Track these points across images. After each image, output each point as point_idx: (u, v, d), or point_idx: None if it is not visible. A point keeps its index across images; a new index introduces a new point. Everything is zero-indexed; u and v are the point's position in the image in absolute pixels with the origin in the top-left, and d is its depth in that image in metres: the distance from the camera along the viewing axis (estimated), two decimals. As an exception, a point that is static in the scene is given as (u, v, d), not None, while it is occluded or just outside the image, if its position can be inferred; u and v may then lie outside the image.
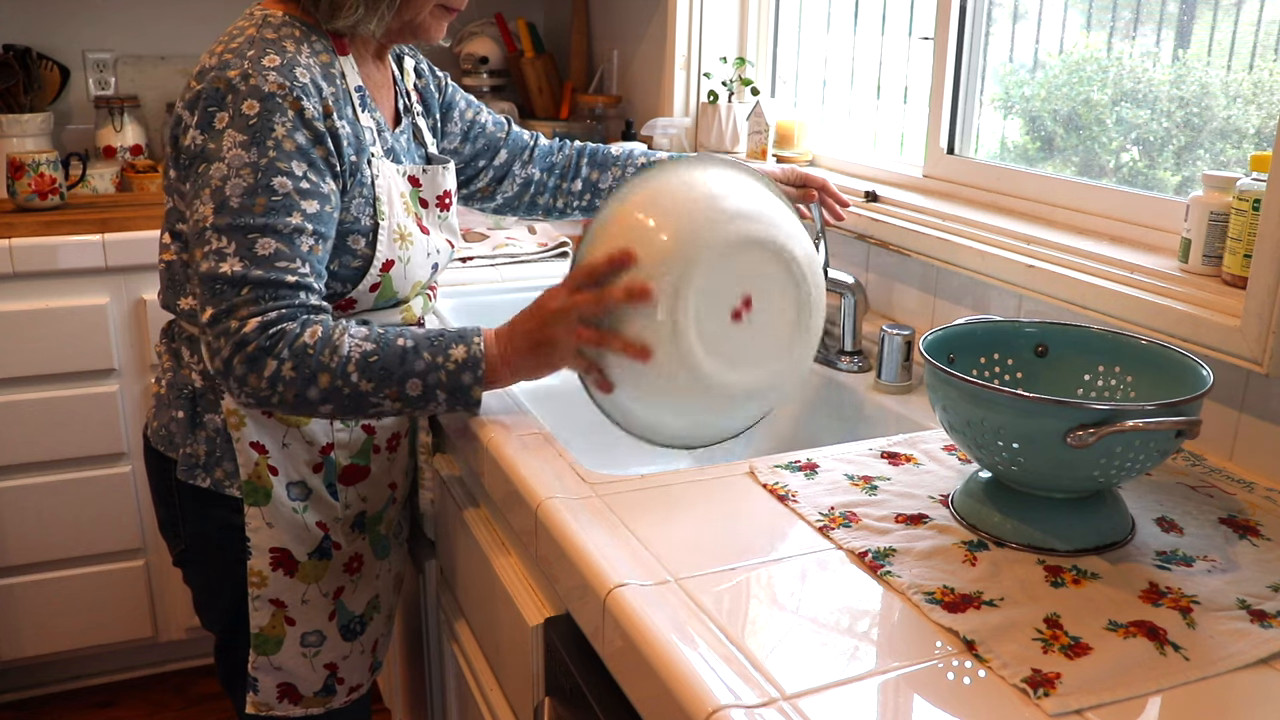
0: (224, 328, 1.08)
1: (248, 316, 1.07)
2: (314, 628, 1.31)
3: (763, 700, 0.71)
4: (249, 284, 1.08)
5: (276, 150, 1.09)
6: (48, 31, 2.46)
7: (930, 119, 1.67)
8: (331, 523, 1.29)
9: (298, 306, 1.10)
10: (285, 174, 1.10)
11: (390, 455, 1.35)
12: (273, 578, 1.27)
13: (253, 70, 1.10)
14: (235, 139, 1.09)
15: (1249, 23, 1.27)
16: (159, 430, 1.29)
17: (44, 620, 2.19)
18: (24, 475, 2.10)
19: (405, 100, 1.34)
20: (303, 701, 1.34)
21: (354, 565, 1.33)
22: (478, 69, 2.67)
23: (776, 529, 0.96)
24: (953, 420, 0.93)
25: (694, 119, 2.21)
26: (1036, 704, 0.71)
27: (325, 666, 1.34)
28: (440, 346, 1.12)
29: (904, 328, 1.36)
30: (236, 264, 1.08)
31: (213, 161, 1.09)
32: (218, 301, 1.08)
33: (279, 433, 1.25)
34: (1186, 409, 0.86)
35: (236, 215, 1.08)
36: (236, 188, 1.08)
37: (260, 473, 1.24)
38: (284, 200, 1.09)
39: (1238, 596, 0.85)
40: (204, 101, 1.11)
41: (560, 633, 1.00)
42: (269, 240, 1.08)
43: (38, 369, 2.04)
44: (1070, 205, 1.42)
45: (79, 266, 2.03)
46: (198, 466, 1.25)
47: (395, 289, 1.25)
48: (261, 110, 1.09)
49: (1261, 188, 1.06)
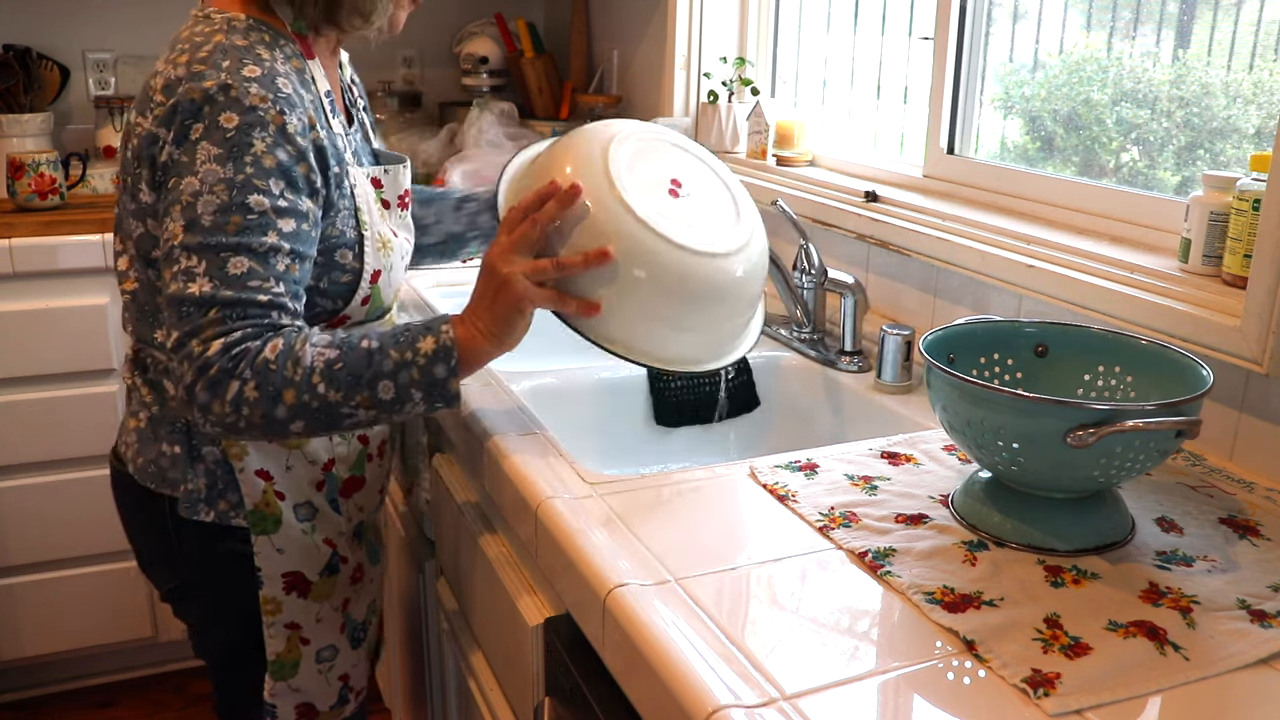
0: (187, 351, 1.01)
1: (211, 338, 1.01)
2: (328, 643, 1.29)
3: (763, 700, 0.71)
4: (217, 304, 1.01)
5: (254, 167, 1.03)
6: (48, 31, 2.46)
7: (930, 119, 1.67)
8: (337, 538, 1.27)
9: (266, 325, 1.03)
10: (262, 192, 1.03)
11: (380, 462, 1.33)
12: (287, 602, 1.24)
13: (232, 81, 1.03)
14: (210, 153, 1.03)
15: (1249, 23, 1.27)
16: (146, 467, 1.21)
17: (44, 620, 2.19)
18: (24, 475, 2.10)
19: (351, 96, 1.29)
20: (320, 717, 1.32)
21: (357, 575, 1.32)
22: (478, 69, 2.67)
23: (776, 529, 0.96)
24: (953, 420, 0.93)
25: (694, 119, 2.21)
26: (1036, 704, 0.71)
27: (339, 679, 1.32)
28: (407, 342, 1.06)
29: (904, 328, 1.36)
30: (206, 284, 1.01)
31: (184, 176, 1.03)
32: (183, 324, 1.02)
33: (281, 456, 1.21)
34: (1186, 409, 0.86)
35: (209, 234, 1.02)
36: (209, 205, 1.02)
37: (268, 500, 1.20)
38: (260, 219, 1.03)
39: (1238, 596, 0.85)
40: (180, 115, 1.04)
41: (560, 633, 1.00)
42: (242, 259, 1.02)
43: (38, 369, 2.04)
44: (1070, 205, 1.42)
45: (79, 266, 2.03)
46: (200, 501, 1.19)
47: (383, 299, 1.22)
48: (240, 124, 1.03)
49: (1261, 188, 1.06)
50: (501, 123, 2.39)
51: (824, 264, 1.52)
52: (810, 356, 1.50)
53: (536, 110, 2.61)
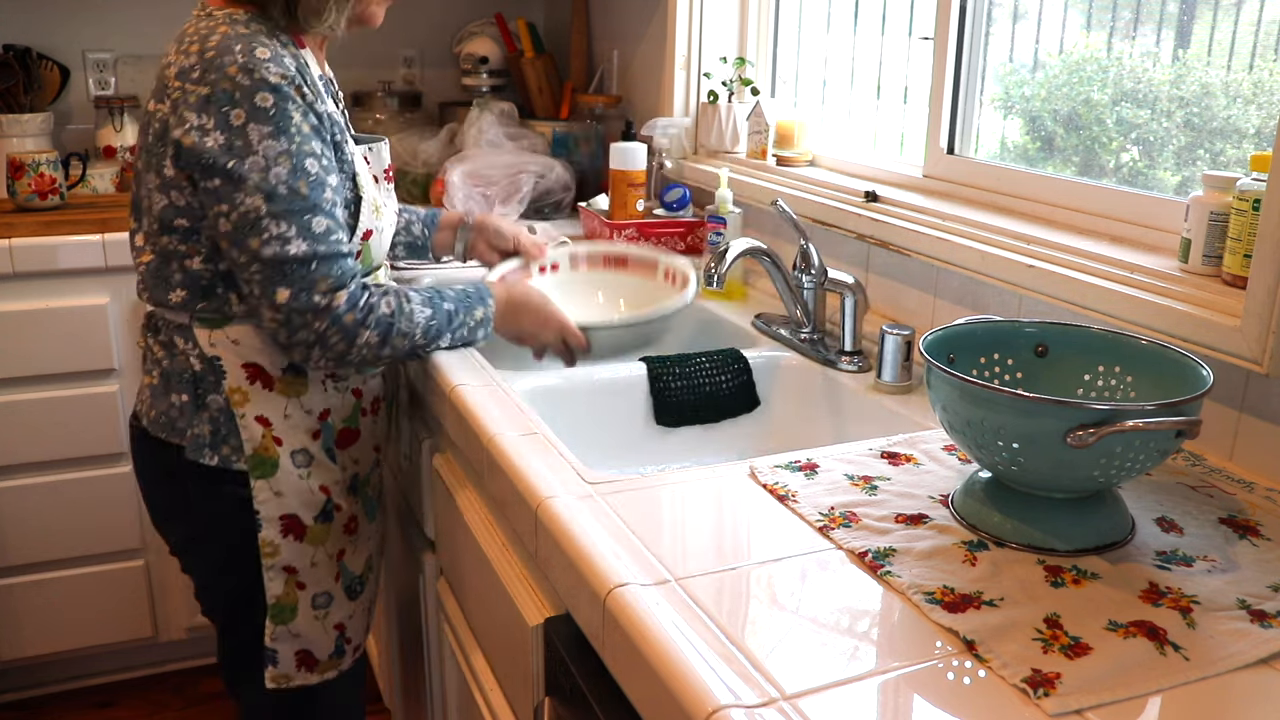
0: (310, 304, 1.21)
1: (329, 290, 1.21)
2: (323, 589, 1.38)
3: (763, 700, 0.71)
4: (317, 259, 1.20)
5: (300, 135, 1.19)
6: (48, 31, 2.46)
7: (930, 119, 1.67)
8: (332, 485, 1.37)
9: (358, 275, 1.26)
10: (312, 155, 1.21)
11: (374, 418, 1.44)
12: (284, 545, 1.34)
13: (251, 64, 1.17)
14: (261, 131, 1.17)
15: (1249, 23, 1.27)
16: (158, 419, 1.34)
17: (44, 620, 2.19)
18: (24, 475, 2.10)
19: (334, 88, 1.42)
20: (318, 667, 1.41)
21: (352, 526, 1.41)
22: (478, 69, 2.67)
23: (776, 529, 0.96)
24: (953, 420, 0.93)
25: (694, 119, 2.21)
26: (1036, 704, 0.71)
27: (335, 627, 1.41)
28: (469, 306, 1.37)
29: (904, 328, 1.36)
30: (301, 244, 1.19)
31: (245, 157, 1.17)
32: (291, 281, 1.20)
33: (280, 404, 1.33)
34: (1186, 409, 0.86)
35: (288, 201, 1.18)
36: (279, 176, 1.18)
37: (267, 444, 1.32)
38: (318, 178, 1.21)
39: (1238, 596, 0.85)
40: (216, 104, 1.17)
41: (560, 633, 1.00)
42: (320, 218, 1.21)
43: (38, 369, 2.04)
44: (1070, 205, 1.42)
45: (79, 266, 2.03)
46: (205, 445, 1.31)
47: (373, 257, 1.37)
48: (275, 101, 1.18)
49: (1261, 188, 1.06)
50: (501, 123, 2.39)
51: (824, 264, 1.52)
52: (810, 356, 1.50)
53: (536, 110, 2.61)
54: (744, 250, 1.49)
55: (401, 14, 2.65)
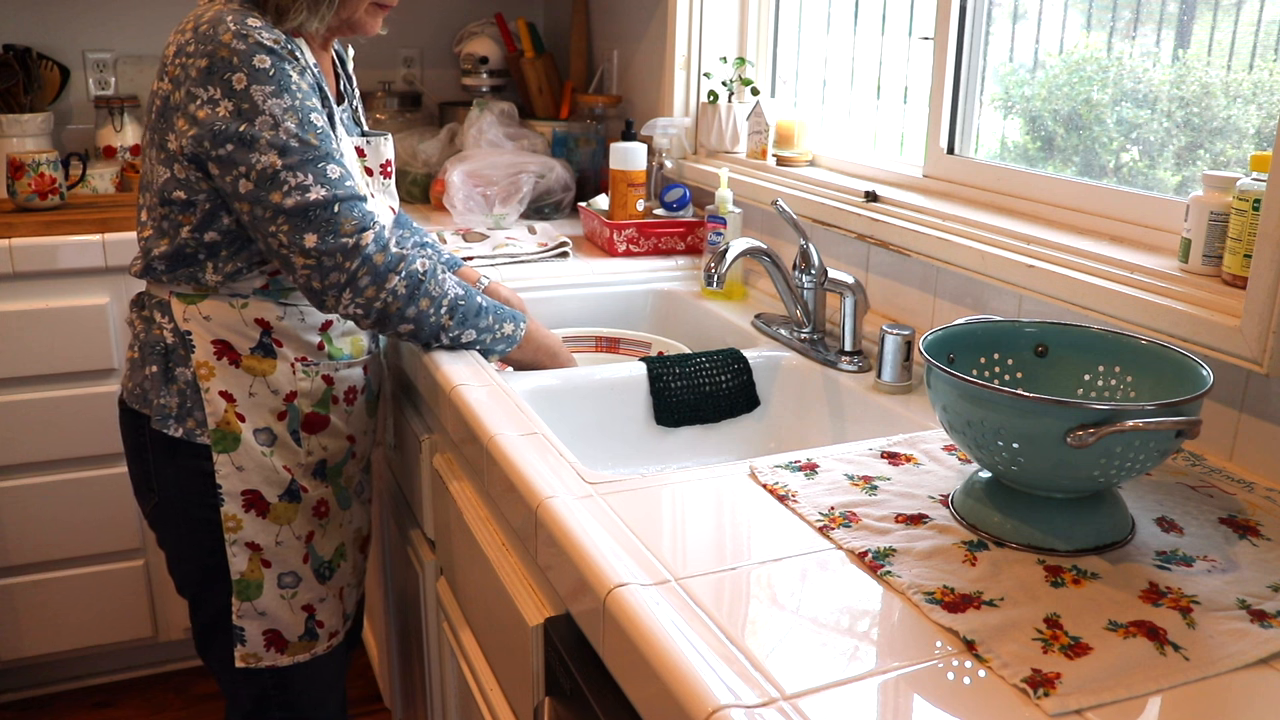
0: (338, 245, 1.24)
1: (354, 230, 1.25)
2: (289, 569, 1.40)
3: (763, 700, 0.71)
4: (338, 202, 1.24)
5: (300, 91, 1.24)
6: (48, 31, 2.46)
7: (930, 119, 1.67)
8: (295, 467, 1.39)
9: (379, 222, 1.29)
10: (313, 109, 1.25)
11: (348, 408, 1.45)
12: (246, 520, 1.36)
13: (244, 30, 1.21)
14: (265, 91, 1.21)
15: (1249, 23, 1.27)
16: (134, 390, 1.38)
17: (44, 620, 2.19)
18: (24, 475, 2.10)
19: (346, 84, 1.47)
20: (289, 649, 1.42)
21: (321, 510, 1.42)
22: (478, 69, 2.67)
23: (776, 529, 0.96)
24: (953, 420, 0.93)
25: (694, 119, 2.21)
26: (1036, 704, 0.71)
27: (304, 609, 1.42)
28: (501, 317, 1.40)
29: (904, 328, 1.36)
30: (321, 190, 1.23)
31: (254, 119, 1.21)
32: (317, 226, 1.23)
33: (245, 382, 1.35)
34: (1186, 409, 0.86)
35: (301, 152, 1.22)
36: (289, 130, 1.22)
37: (229, 419, 1.34)
38: (324, 130, 1.25)
39: (1238, 596, 0.85)
40: (218, 72, 1.20)
41: (560, 633, 1.00)
42: (333, 166, 1.25)
43: (38, 369, 2.04)
44: (1070, 205, 1.42)
45: (79, 266, 2.03)
46: (170, 417, 1.34)
47: None
48: (273, 62, 1.22)
49: (1261, 188, 1.06)
50: (501, 123, 2.39)
51: (824, 264, 1.52)
52: (810, 356, 1.50)
53: (537, 110, 2.61)
54: (744, 250, 1.49)
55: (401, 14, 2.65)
